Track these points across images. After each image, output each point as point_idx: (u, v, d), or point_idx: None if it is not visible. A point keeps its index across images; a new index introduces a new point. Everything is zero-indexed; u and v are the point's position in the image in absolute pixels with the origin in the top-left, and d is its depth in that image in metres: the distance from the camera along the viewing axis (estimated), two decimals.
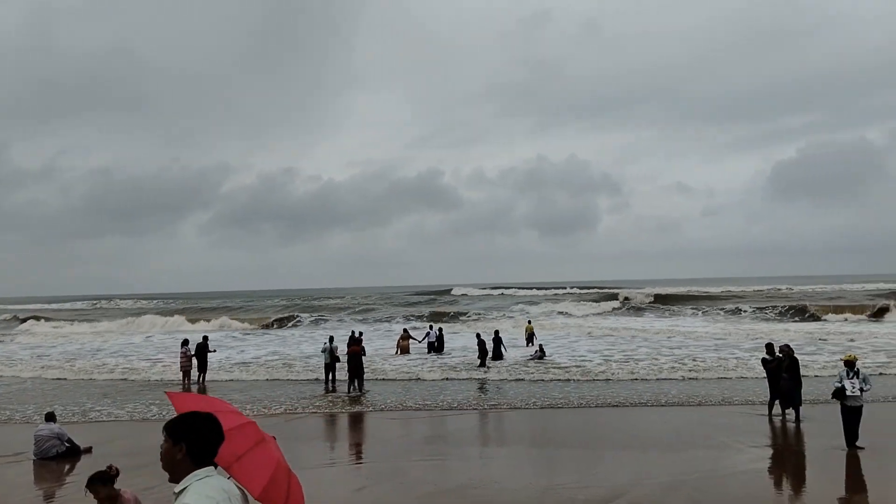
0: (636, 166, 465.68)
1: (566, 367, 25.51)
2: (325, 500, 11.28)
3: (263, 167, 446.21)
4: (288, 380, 25.50)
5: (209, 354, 26.86)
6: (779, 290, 79.28)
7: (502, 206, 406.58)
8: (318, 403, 20.33)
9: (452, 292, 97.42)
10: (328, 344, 24.85)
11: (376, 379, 24.21)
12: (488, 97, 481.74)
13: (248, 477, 3.97)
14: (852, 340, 31.74)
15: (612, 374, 23.65)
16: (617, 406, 18.50)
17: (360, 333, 29.88)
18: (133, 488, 8.23)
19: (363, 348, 24.52)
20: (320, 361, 25.83)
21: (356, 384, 22.46)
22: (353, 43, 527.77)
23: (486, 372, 25.12)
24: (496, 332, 30.75)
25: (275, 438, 5.22)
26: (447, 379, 24.13)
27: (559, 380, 22.98)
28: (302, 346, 37.06)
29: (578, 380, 22.85)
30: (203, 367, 26.17)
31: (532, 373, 24.60)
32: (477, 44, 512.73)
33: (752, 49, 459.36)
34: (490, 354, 28.03)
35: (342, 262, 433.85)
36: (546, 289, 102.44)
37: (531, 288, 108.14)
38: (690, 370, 23.94)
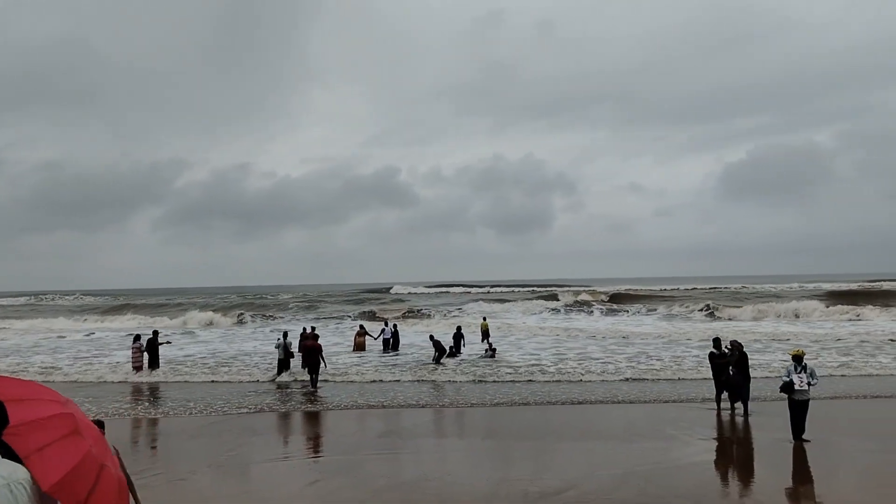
0: (591, 166, 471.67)
1: (517, 366, 25.49)
2: (277, 494, 11.13)
3: (218, 162, 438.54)
4: (239, 377, 24.97)
5: (164, 347, 26.36)
6: (727, 288, 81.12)
7: (459, 204, 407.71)
8: (269, 400, 20.02)
9: (392, 290, 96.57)
10: (282, 339, 24.59)
11: (334, 376, 23.88)
12: (445, 96, 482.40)
13: (43, 468, 3.84)
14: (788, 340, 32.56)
15: (564, 372, 23.74)
16: (569, 404, 18.58)
17: (314, 328, 29.57)
18: None
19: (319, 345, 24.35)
20: (273, 357, 25.52)
21: (313, 378, 22.29)
22: (312, 38, 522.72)
23: (437, 370, 25.01)
24: (458, 328, 31.05)
25: (102, 429, 5.02)
26: (398, 381, 23.86)
27: (511, 378, 22.92)
28: (250, 344, 36.42)
29: (530, 378, 22.80)
30: (154, 363, 25.61)
31: (484, 371, 24.59)
32: (433, 42, 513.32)
33: (706, 52, 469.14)
34: (448, 351, 28.02)
35: (297, 260, 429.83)
36: (500, 287, 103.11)
37: (484, 286, 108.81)
38: (645, 370, 24.17)
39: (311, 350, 22.63)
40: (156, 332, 26.94)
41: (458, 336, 30.05)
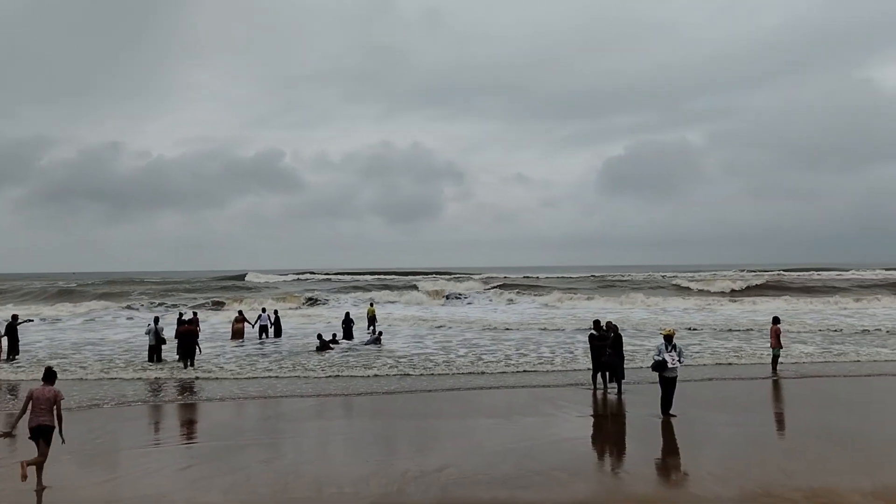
0: (480, 156, 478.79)
1: (402, 354, 25.12)
2: (147, 480, 10.61)
3: (88, 140, 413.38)
4: (104, 367, 23.53)
5: (27, 325, 24.58)
6: (604, 277, 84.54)
7: (346, 191, 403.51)
8: (136, 389, 19.02)
9: (246, 278, 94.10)
10: (153, 325, 23.46)
11: (209, 362, 22.93)
12: (333, 80, 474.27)
13: None
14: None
15: (449, 360, 23.63)
16: (451, 390, 18.53)
17: (195, 313, 28.40)
18: None
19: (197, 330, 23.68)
20: (143, 343, 24.32)
21: (189, 362, 21.97)
22: (194, 13, 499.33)
23: (324, 356, 24.55)
24: (347, 314, 30.95)
25: None
26: (278, 367, 23.23)
27: (395, 366, 22.62)
28: (112, 331, 34.49)
29: (414, 367, 22.48)
30: (14, 349, 23.88)
31: (369, 357, 24.34)
32: (321, 25, 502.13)
33: (591, 51, 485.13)
34: (332, 338, 27.64)
35: (172, 246, 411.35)
36: (385, 274, 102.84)
37: (364, 273, 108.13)
38: (525, 356, 24.61)
39: (187, 335, 22.35)
40: (14, 316, 25.11)
41: (348, 321, 29.82)
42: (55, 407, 10.32)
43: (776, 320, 21.23)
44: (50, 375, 10.69)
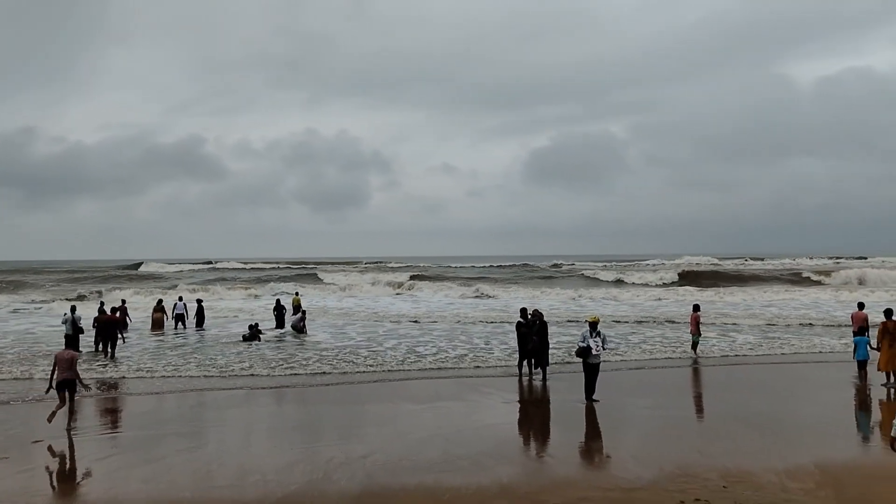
0: (406, 146, 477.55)
1: (326, 345, 24.57)
2: (63, 468, 10.29)
3: (2, 126, 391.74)
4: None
5: None
6: (527, 264, 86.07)
7: (270, 178, 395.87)
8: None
9: (141, 268, 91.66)
10: (69, 314, 22.54)
11: (128, 352, 22.19)
12: (256, 66, 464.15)
13: None
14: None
15: (374, 350, 23.36)
16: (378, 382, 18.28)
17: (124, 301, 27.42)
18: None
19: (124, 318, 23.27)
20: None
21: (108, 351, 21.83)
22: None
23: (250, 346, 24.02)
24: (278, 301, 30.80)
25: None
26: (200, 359, 22.68)
27: (319, 354, 22.37)
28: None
29: (337, 355, 22.10)
30: None
31: (295, 347, 24.00)
32: (244, 9, 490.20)
33: (519, 40, 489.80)
34: (256, 327, 27.13)
35: (90, 234, 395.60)
36: (305, 263, 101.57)
37: (278, 264, 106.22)
38: (444, 350, 24.69)
39: (109, 324, 22.30)
40: None
41: (280, 309, 29.73)
42: (73, 365, 13.08)
43: (696, 308, 21.93)
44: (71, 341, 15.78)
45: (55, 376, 12.91)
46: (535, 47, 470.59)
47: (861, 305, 20.16)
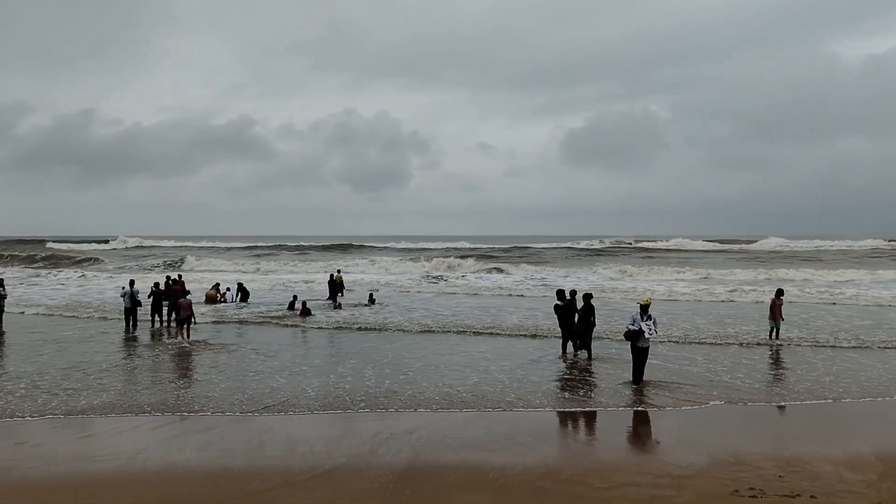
0: (444, 126, 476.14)
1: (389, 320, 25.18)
2: (121, 437, 10.46)
3: (63, 107, 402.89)
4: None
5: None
6: (572, 247, 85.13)
7: (314, 159, 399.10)
8: (117, 350, 18.84)
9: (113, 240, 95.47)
10: (128, 288, 22.99)
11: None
12: (299, 50, 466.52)
13: None
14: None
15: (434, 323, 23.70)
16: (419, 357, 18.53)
17: (180, 276, 28.07)
18: None
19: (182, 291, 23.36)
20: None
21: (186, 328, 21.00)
22: None
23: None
24: (331, 276, 32.35)
25: None
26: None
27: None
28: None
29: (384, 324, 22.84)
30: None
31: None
32: None
33: (556, 20, 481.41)
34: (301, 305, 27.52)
35: (144, 211, 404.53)
36: (351, 245, 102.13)
37: (310, 243, 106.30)
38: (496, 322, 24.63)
39: (173, 294, 22.92)
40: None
41: (333, 284, 31.41)
42: (190, 307, 20.13)
43: (780, 293, 20.33)
44: (185, 292, 22.43)
45: (179, 315, 19.74)
46: (572, 26, 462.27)
47: None
